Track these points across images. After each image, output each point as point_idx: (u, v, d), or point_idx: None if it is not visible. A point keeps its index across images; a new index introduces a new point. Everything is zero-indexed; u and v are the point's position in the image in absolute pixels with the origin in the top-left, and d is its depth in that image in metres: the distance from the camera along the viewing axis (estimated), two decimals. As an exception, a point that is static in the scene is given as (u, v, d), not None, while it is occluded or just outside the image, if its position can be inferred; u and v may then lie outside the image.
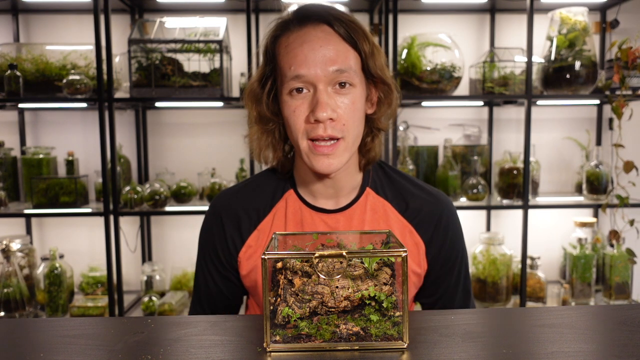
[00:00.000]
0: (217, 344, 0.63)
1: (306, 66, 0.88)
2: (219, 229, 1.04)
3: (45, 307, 2.14)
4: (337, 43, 0.90)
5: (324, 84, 0.89)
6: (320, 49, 0.88)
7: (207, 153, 2.47)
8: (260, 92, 0.97)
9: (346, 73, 0.89)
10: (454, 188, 2.25)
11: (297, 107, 0.90)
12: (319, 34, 0.90)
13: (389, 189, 1.04)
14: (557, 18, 2.13)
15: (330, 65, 0.88)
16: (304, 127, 0.91)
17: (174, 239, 2.52)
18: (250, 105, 1.00)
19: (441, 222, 1.02)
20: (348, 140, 0.91)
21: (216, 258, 1.04)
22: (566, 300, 2.25)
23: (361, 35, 0.91)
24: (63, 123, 2.43)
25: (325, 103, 0.88)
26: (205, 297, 1.07)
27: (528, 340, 0.63)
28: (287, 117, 0.92)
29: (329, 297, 0.62)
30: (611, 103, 2.07)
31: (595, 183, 2.24)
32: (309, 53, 0.88)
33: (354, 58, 0.91)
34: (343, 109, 0.90)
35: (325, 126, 0.89)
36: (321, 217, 1.00)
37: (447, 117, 2.50)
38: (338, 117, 0.89)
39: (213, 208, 1.06)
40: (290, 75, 0.89)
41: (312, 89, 0.90)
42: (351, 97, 0.91)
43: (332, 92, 0.90)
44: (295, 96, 0.91)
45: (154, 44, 2.07)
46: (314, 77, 0.88)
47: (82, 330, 0.68)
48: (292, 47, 0.90)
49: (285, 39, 0.92)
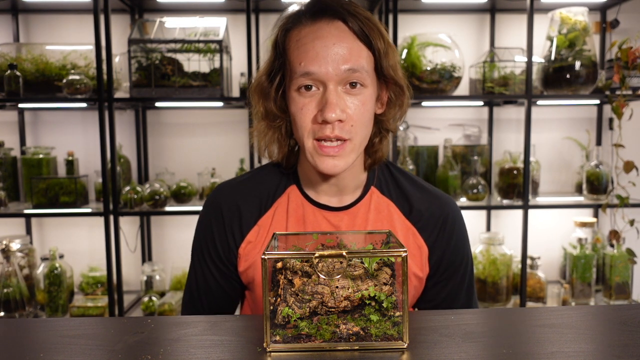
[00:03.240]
0: (217, 344, 0.63)
1: (317, 63, 0.85)
2: (218, 222, 1.00)
3: (45, 307, 2.14)
4: (350, 41, 0.86)
5: (334, 83, 0.86)
6: (333, 47, 0.85)
7: (207, 153, 2.46)
8: (268, 87, 0.94)
9: (358, 73, 0.86)
10: (454, 188, 2.25)
11: (305, 104, 0.88)
12: (333, 30, 0.86)
13: (394, 190, 1.02)
14: (557, 18, 2.13)
15: (342, 63, 0.85)
16: (310, 127, 0.88)
17: (174, 239, 2.52)
18: (256, 99, 0.97)
19: (446, 225, 1.00)
20: (355, 141, 0.89)
21: (215, 253, 1.00)
22: (566, 300, 2.25)
23: (376, 33, 0.88)
24: (63, 123, 2.43)
25: (334, 104, 0.85)
26: (204, 295, 1.03)
27: (528, 340, 0.63)
28: (294, 114, 0.90)
29: (329, 297, 0.62)
30: (611, 103, 2.07)
31: (595, 183, 2.24)
32: (320, 50, 0.85)
33: (367, 57, 0.88)
34: (353, 109, 0.87)
35: (333, 127, 0.86)
36: (324, 214, 0.98)
37: (447, 117, 2.50)
38: (347, 118, 0.87)
39: (212, 201, 1.02)
40: (299, 72, 0.86)
41: (321, 87, 0.87)
42: (361, 97, 0.88)
43: (342, 92, 0.87)
44: (303, 93, 0.88)
45: (154, 44, 2.07)
46: (325, 75, 0.85)
47: (82, 330, 0.68)
48: (304, 42, 0.87)
49: (297, 32, 0.89)
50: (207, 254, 1.02)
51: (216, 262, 1.01)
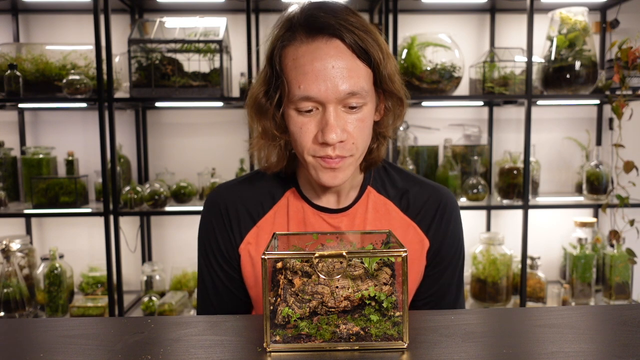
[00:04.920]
0: (217, 344, 0.63)
1: (317, 87, 0.84)
2: (219, 221, 1.01)
3: (45, 307, 2.14)
4: (349, 60, 0.85)
5: (334, 105, 0.85)
6: (332, 70, 0.84)
7: (207, 153, 2.46)
8: (266, 105, 0.92)
9: (358, 95, 0.85)
10: (454, 188, 2.25)
11: (304, 124, 0.87)
12: (331, 50, 0.85)
13: (391, 187, 1.03)
14: (557, 18, 2.13)
15: (341, 85, 0.84)
16: (311, 146, 0.88)
17: (174, 239, 2.52)
18: (253, 116, 0.95)
19: (444, 213, 1.00)
20: (356, 156, 0.90)
21: (219, 253, 1.01)
22: (566, 300, 2.25)
23: (373, 44, 0.87)
24: (63, 123, 2.43)
25: (334, 125, 0.84)
26: (214, 296, 1.03)
27: (528, 340, 0.63)
28: (294, 133, 0.89)
29: (329, 297, 0.62)
30: (611, 103, 2.07)
31: (595, 183, 2.24)
32: (320, 73, 0.84)
33: (366, 75, 0.87)
34: (353, 127, 0.87)
35: (334, 147, 0.86)
36: (323, 216, 0.99)
37: (447, 117, 2.50)
38: (348, 137, 0.87)
39: (211, 201, 1.03)
40: (299, 95, 0.85)
41: (321, 107, 0.86)
42: (361, 115, 0.87)
43: (342, 112, 0.86)
44: (303, 113, 0.87)
45: (154, 44, 2.07)
46: (325, 97, 0.84)
47: (82, 330, 0.68)
48: (302, 62, 0.85)
49: (293, 50, 0.87)
50: (211, 254, 1.02)
51: (220, 262, 1.02)
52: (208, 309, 1.05)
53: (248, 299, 1.06)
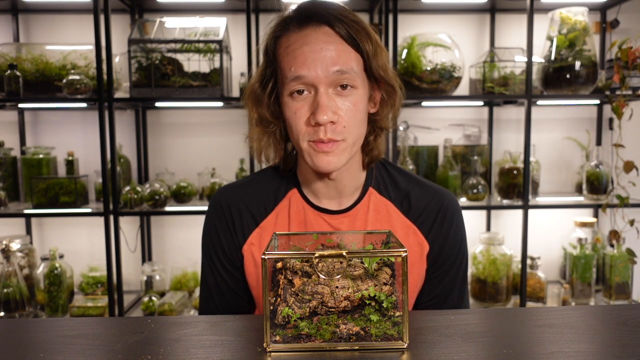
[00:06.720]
0: (217, 344, 0.63)
1: (307, 67, 0.87)
2: (222, 223, 1.02)
3: (45, 307, 2.14)
4: (338, 44, 0.88)
5: (324, 86, 0.88)
6: (321, 51, 0.87)
7: (207, 153, 2.47)
8: (261, 94, 0.96)
9: (347, 74, 0.88)
10: (454, 188, 2.25)
11: (298, 109, 0.90)
12: (320, 35, 0.88)
13: (392, 189, 1.03)
14: (557, 18, 2.13)
15: (331, 66, 0.87)
16: (304, 130, 0.90)
17: (174, 239, 2.52)
18: (250, 106, 0.99)
19: (445, 217, 1.00)
20: (348, 141, 0.91)
21: (222, 254, 1.02)
22: (566, 300, 2.25)
23: (363, 35, 0.90)
24: (63, 123, 2.43)
25: (325, 106, 0.87)
26: (216, 296, 1.04)
27: (528, 340, 0.63)
28: (288, 118, 0.92)
29: (329, 297, 0.62)
30: (611, 103, 2.07)
31: (595, 183, 2.24)
32: (309, 54, 0.87)
33: (356, 59, 0.90)
34: (344, 110, 0.89)
35: (325, 129, 0.88)
36: (324, 218, 1.00)
37: (447, 117, 2.50)
38: (339, 120, 0.89)
39: (215, 202, 1.04)
40: (290, 77, 0.88)
41: (313, 90, 0.89)
42: (352, 99, 0.90)
43: (333, 94, 0.89)
44: (296, 98, 0.90)
45: (154, 44, 2.07)
46: (315, 78, 0.87)
47: (82, 330, 0.68)
48: (293, 48, 0.89)
49: (285, 39, 0.91)
50: (214, 255, 1.03)
51: (224, 263, 1.03)
52: (210, 310, 1.05)
53: (250, 300, 1.07)
